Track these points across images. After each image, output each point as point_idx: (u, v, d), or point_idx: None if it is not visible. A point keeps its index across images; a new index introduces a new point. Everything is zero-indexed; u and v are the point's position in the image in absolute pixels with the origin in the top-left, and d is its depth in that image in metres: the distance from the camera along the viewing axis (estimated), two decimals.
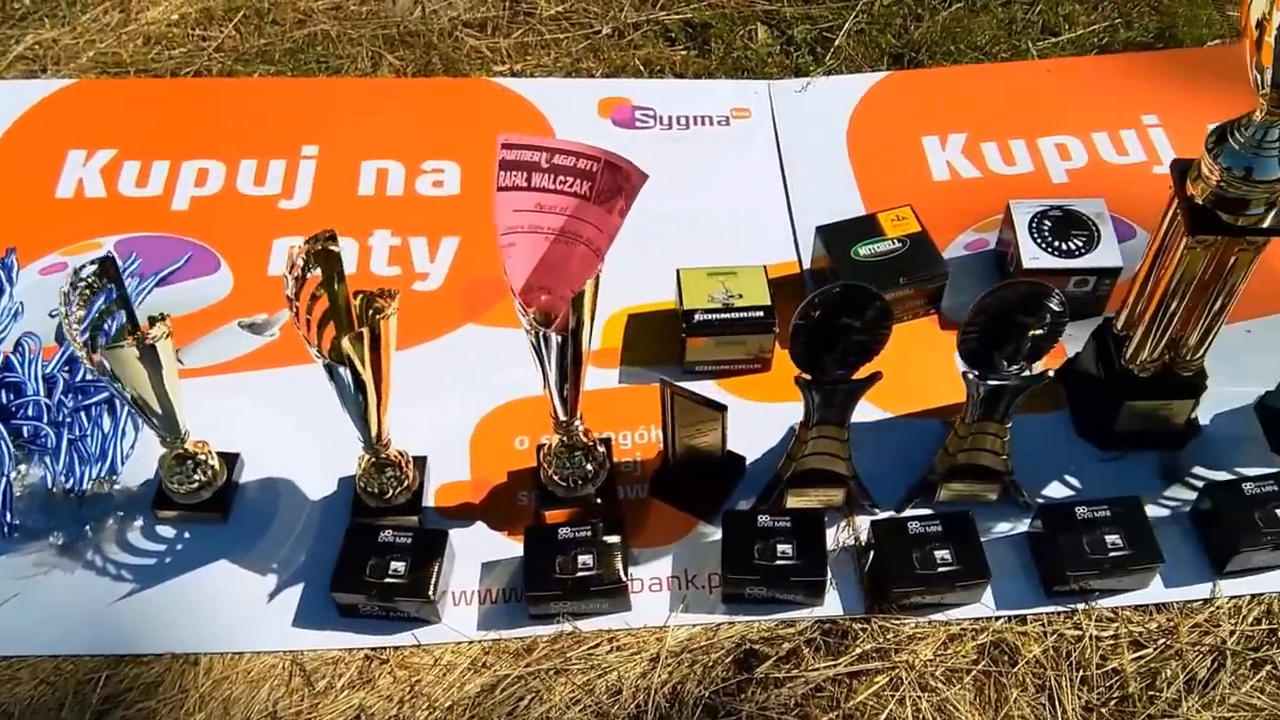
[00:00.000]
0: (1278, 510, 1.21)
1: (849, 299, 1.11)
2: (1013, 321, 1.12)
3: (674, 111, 1.76)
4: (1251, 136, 1.04)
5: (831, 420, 1.21)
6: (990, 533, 1.28)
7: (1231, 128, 1.05)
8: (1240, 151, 1.05)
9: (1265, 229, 1.09)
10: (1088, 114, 1.72)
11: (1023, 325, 1.12)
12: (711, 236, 1.58)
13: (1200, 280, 1.16)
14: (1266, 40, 0.95)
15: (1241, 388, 1.38)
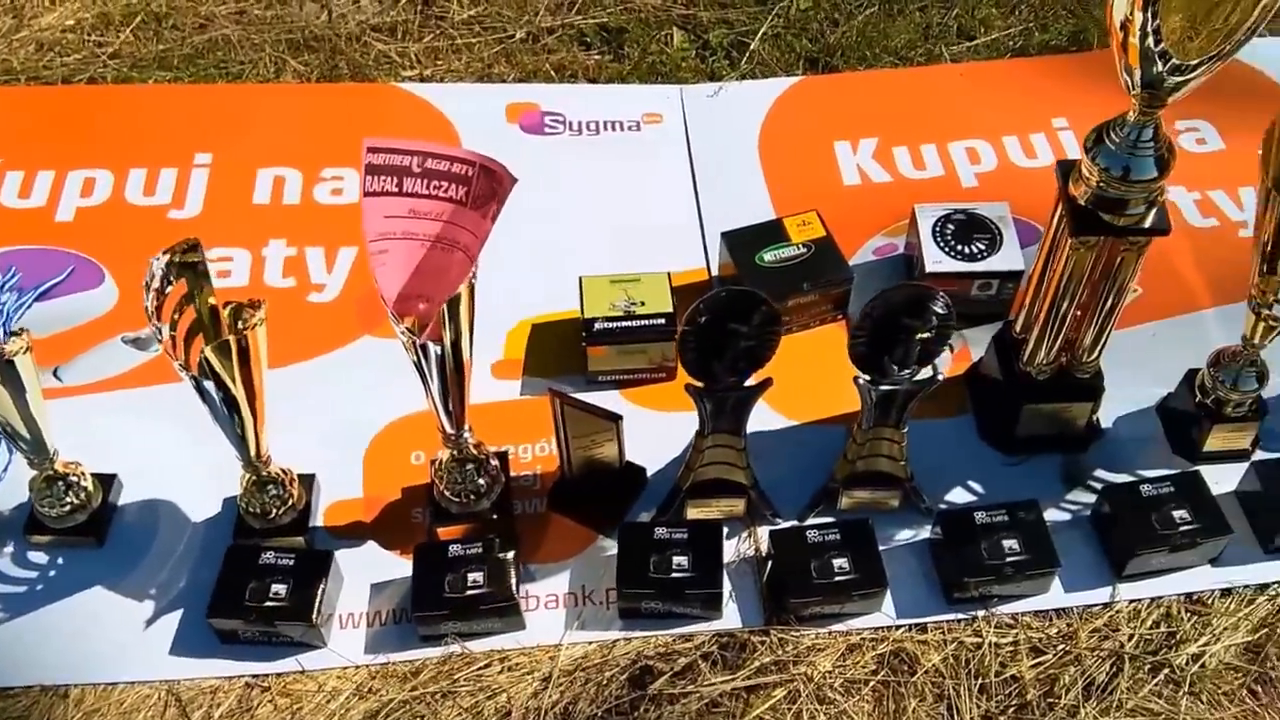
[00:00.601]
0: (1175, 512, 1.20)
1: (736, 304, 1.09)
2: (900, 325, 1.10)
3: (584, 117, 1.73)
4: (1127, 137, 1.03)
5: (726, 429, 1.18)
6: (892, 540, 1.26)
7: (1108, 129, 1.04)
8: (1117, 152, 1.04)
9: (1146, 229, 1.08)
10: (999, 118, 1.72)
11: (910, 329, 1.10)
12: (621, 243, 1.56)
13: (1089, 280, 1.15)
14: (1131, 41, 0.94)
15: (1146, 389, 1.38)
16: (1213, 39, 0.91)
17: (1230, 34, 0.90)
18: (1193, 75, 0.95)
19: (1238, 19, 0.89)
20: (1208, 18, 0.89)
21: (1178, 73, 0.95)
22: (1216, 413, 1.27)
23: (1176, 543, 1.19)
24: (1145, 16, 0.91)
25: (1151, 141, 1.03)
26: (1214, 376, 1.26)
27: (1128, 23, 0.93)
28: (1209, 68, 0.95)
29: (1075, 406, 1.29)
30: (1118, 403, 1.37)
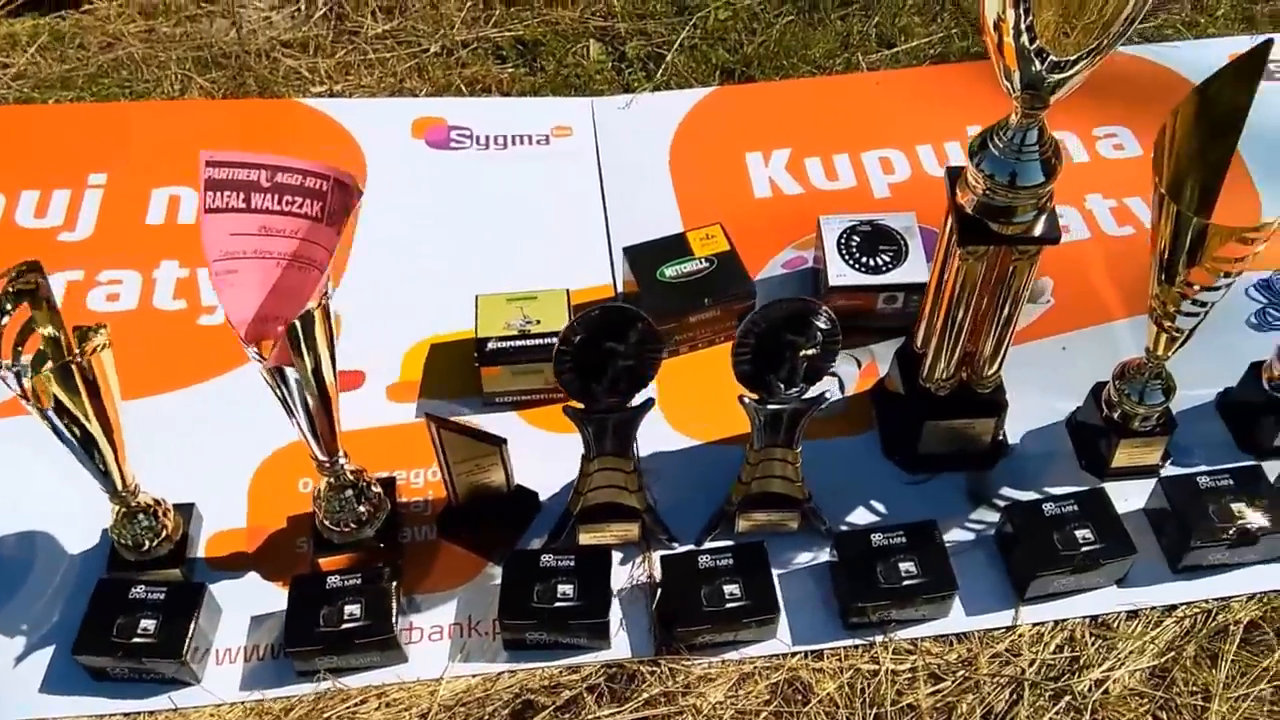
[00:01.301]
0: (1077, 532, 1.16)
1: (612, 322, 1.05)
2: (783, 342, 1.06)
3: (492, 131, 1.69)
4: (1011, 141, 1.00)
5: (613, 451, 1.14)
6: (791, 563, 1.22)
7: (991, 134, 1.01)
8: (1002, 157, 1.01)
9: (1036, 238, 1.05)
10: (913, 126, 1.69)
11: (793, 345, 1.06)
12: (526, 259, 1.52)
13: (982, 291, 1.12)
14: (1007, 41, 0.90)
15: (1056, 403, 1.34)
16: (1089, 33, 0.88)
17: (1107, 26, 0.87)
18: (1073, 72, 0.92)
19: (1112, 10, 0.86)
20: (1081, 11, 0.86)
21: (1057, 70, 0.92)
22: (1123, 427, 1.24)
23: (1079, 564, 1.15)
24: (1018, 14, 0.88)
25: (1036, 145, 1.00)
26: (1119, 390, 1.23)
27: (1000, 22, 0.90)
28: (1089, 62, 0.92)
29: (978, 423, 1.25)
30: (1027, 418, 1.34)
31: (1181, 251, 1.02)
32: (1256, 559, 1.19)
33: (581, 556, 1.16)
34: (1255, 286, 1.45)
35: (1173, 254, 1.04)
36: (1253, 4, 1.94)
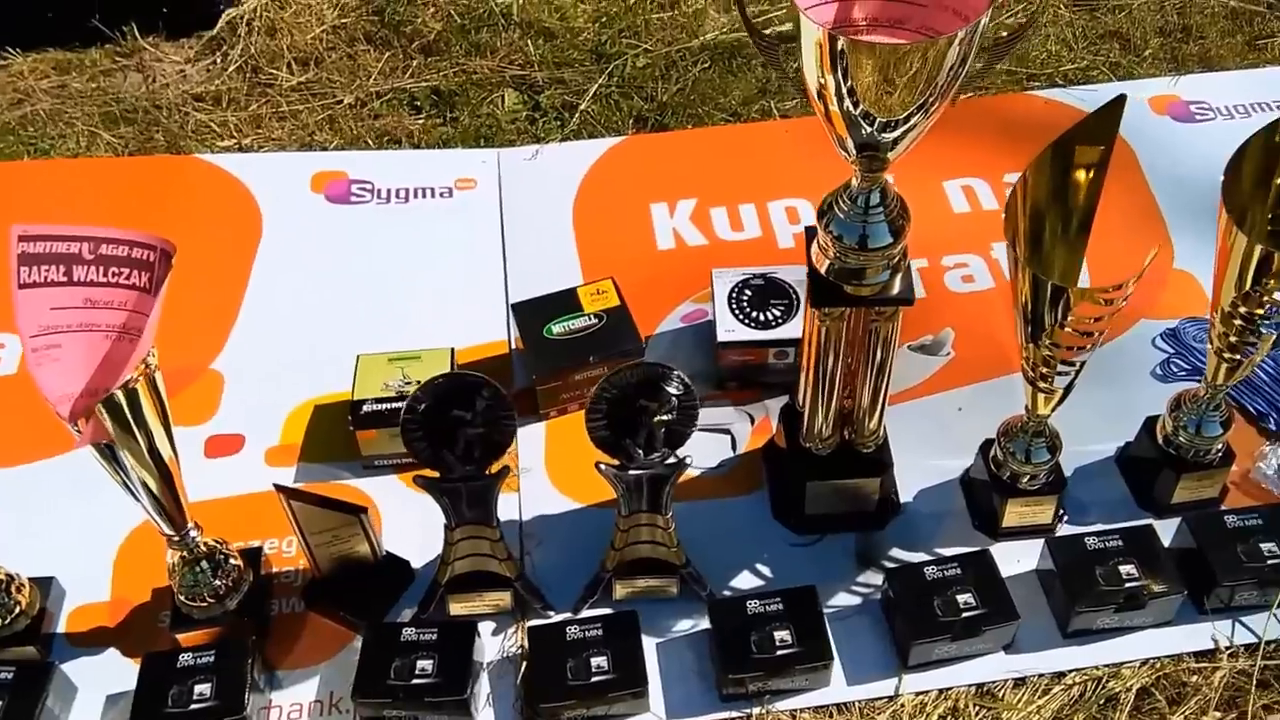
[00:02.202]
0: (960, 597, 1.12)
1: (460, 389, 1.01)
2: (637, 407, 1.03)
3: (394, 184, 1.66)
4: (856, 204, 0.97)
5: (475, 520, 1.10)
6: (670, 632, 1.18)
7: (836, 197, 0.98)
8: (848, 221, 0.98)
9: (890, 299, 1.02)
10: (821, 174, 1.65)
11: (647, 410, 1.03)
12: (421, 316, 1.48)
13: (849, 350, 1.08)
14: (833, 109, 0.88)
15: (952, 460, 1.30)
16: (912, 90, 0.85)
17: (930, 81, 0.84)
18: (905, 129, 0.89)
19: (931, 66, 0.83)
20: (899, 69, 0.83)
21: (889, 129, 0.89)
22: (1011, 486, 1.20)
23: (960, 630, 1.11)
24: (837, 79, 0.85)
25: (881, 206, 0.97)
26: (1004, 448, 1.19)
27: (823, 90, 0.87)
28: (923, 118, 0.89)
29: (862, 482, 1.21)
30: (923, 475, 1.30)
31: (1043, 312, 0.99)
32: (1149, 623, 1.14)
33: (445, 629, 1.11)
34: (1162, 336, 1.42)
35: (1035, 314, 1.01)
36: (1181, 45, 1.92)
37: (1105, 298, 0.96)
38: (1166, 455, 1.20)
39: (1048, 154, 1.01)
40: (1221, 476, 1.21)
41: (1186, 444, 1.19)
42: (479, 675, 1.13)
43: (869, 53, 0.82)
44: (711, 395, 1.39)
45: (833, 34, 0.82)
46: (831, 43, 0.82)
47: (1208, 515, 1.16)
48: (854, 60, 0.83)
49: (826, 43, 0.82)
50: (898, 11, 0.89)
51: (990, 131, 1.70)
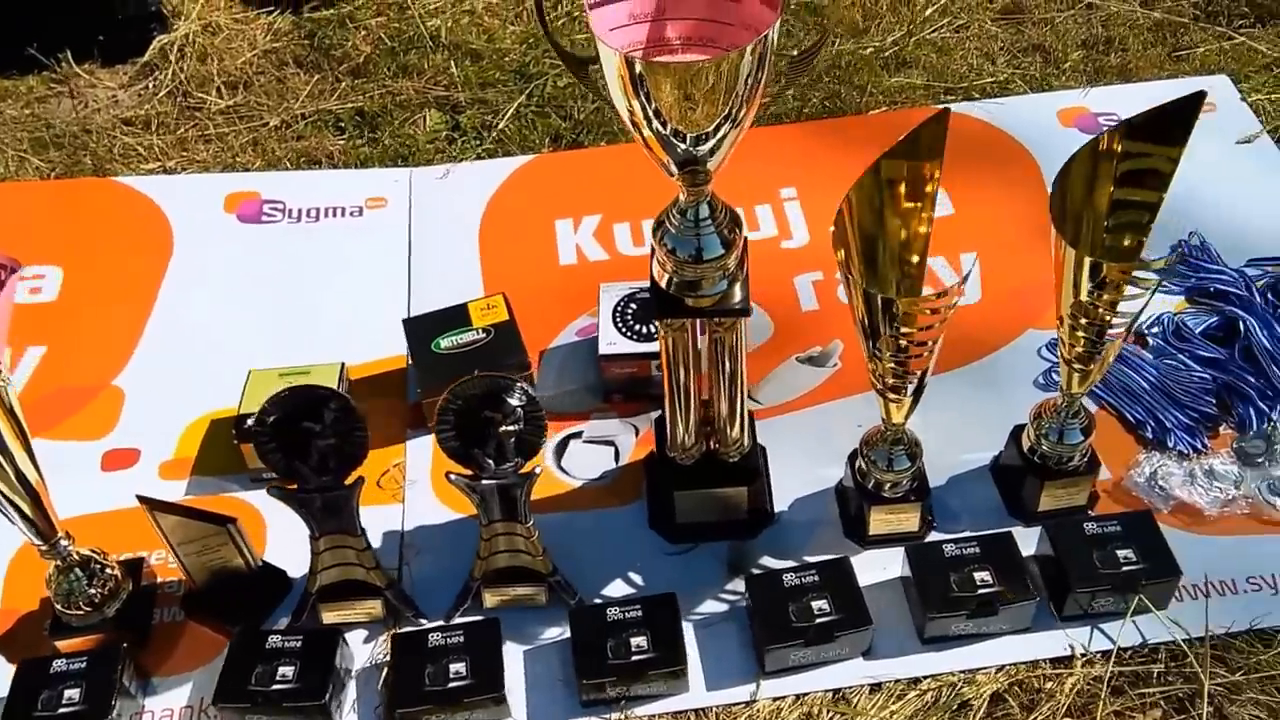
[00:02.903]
0: (815, 603, 1.14)
1: (308, 402, 1.04)
2: (483, 418, 1.05)
3: (305, 204, 1.70)
4: (686, 219, 1.00)
5: (338, 529, 1.13)
6: (537, 639, 1.20)
7: (668, 213, 1.01)
8: (680, 235, 1.00)
9: (729, 310, 1.04)
10: (725, 188, 1.68)
11: (493, 421, 1.05)
12: (324, 332, 1.51)
13: (700, 360, 1.10)
14: (647, 134, 0.91)
15: (829, 469, 1.32)
16: (714, 104, 0.88)
17: (729, 92, 0.87)
18: (718, 140, 0.92)
19: (727, 77, 0.86)
20: (695, 84, 0.86)
21: (701, 143, 0.92)
22: (876, 495, 1.22)
23: (813, 636, 1.12)
24: (641, 103, 0.88)
25: (710, 219, 1.00)
26: (867, 458, 1.21)
27: (633, 114, 0.90)
28: (731, 128, 0.91)
29: (730, 491, 1.23)
30: (802, 483, 1.32)
31: (879, 324, 1.01)
32: (1006, 629, 1.16)
33: (310, 637, 1.13)
34: (1046, 346, 1.43)
35: (871, 328, 1.03)
36: (1103, 57, 1.94)
37: (930, 307, 0.98)
38: (1031, 464, 1.22)
39: (869, 174, 1.03)
40: (1086, 484, 1.22)
41: (1049, 452, 1.20)
42: (345, 682, 1.15)
43: (665, 73, 0.85)
44: (599, 408, 1.42)
45: (629, 58, 0.84)
46: (630, 66, 0.85)
47: (1067, 522, 1.18)
48: (653, 82, 0.86)
49: (625, 67, 0.85)
50: (708, 30, 0.92)
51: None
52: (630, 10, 0.91)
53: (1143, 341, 1.40)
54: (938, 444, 1.33)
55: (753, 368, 1.45)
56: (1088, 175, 1.04)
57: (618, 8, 0.90)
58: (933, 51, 1.96)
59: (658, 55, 0.93)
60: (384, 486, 1.34)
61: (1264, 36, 1.90)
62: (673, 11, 0.91)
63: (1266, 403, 1.30)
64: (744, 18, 0.88)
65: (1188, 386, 1.32)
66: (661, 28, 0.92)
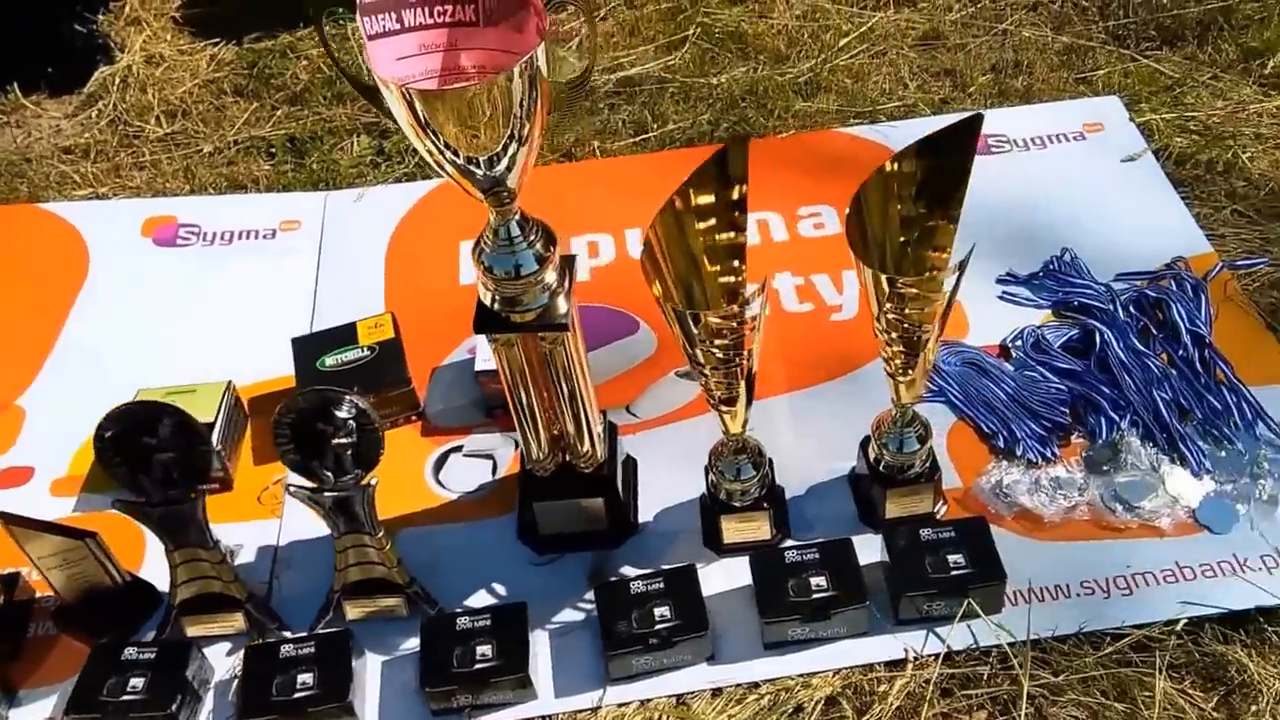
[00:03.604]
0: (657, 610, 1.17)
1: (147, 417, 1.08)
2: (317, 431, 1.09)
3: (220, 227, 1.75)
4: (500, 237, 1.04)
5: (189, 543, 1.17)
6: (397, 650, 1.23)
7: (484, 234, 1.05)
8: (495, 253, 1.04)
9: (549, 325, 1.07)
10: (625, 211, 1.72)
11: (325, 434, 1.09)
12: (225, 352, 1.56)
13: (535, 375, 1.14)
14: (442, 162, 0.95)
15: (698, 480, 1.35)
16: (494, 127, 0.91)
17: (506, 115, 0.91)
18: (509, 158, 0.95)
19: (500, 102, 0.89)
20: (472, 114, 0.90)
21: (494, 165, 0.96)
22: (726, 504, 1.24)
23: (654, 642, 1.15)
24: (430, 138, 0.92)
25: (522, 237, 1.04)
26: (715, 469, 1.23)
27: (433, 153, 0.94)
28: (519, 147, 0.95)
29: (588, 502, 1.26)
30: (671, 494, 1.35)
31: (692, 337, 1.04)
32: (843, 634, 1.18)
33: (165, 649, 1.17)
34: None
35: (689, 348, 1.06)
36: (1010, 80, 1.95)
37: (722, 315, 1.01)
38: (877, 473, 1.24)
39: (674, 201, 1.06)
40: (928, 491, 1.24)
41: (891, 461, 1.22)
42: (201, 694, 1.18)
43: (438, 100, 0.89)
44: (482, 423, 1.45)
45: (404, 89, 0.88)
46: (407, 96, 0.89)
47: (903, 529, 1.20)
48: (428, 108, 0.90)
49: (401, 95, 0.89)
50: (501, 60, 0.96)
51: (791, 168, 1.76)
52: (421, 41, 0.95)
53: (1006, 354, 1.42)
54: (806, 455, 1.37)
55: (633, 382, 1.49)
56: (883, 197, 1.06)
57: (407, 38, 0.94)
58: (847, 77, 1.99)
59: (452, 84, 0.96)
60: (264, 502, 1.38)
61: (1168, 59, 1.91)
62: (464, 42, 0.95)
63: (1118, 412, 1.31)
64: (526, 46, 0.92)
65: (1043, 397, 1.34)
66: (455, 57, 0.96)
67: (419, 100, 0.89)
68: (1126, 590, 1.19)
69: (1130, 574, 1.20)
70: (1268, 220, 1.59)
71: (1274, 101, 1.81)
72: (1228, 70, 1.89)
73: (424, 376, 1.51)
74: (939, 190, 1.06)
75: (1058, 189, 1.66)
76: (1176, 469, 1.27)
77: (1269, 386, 1.35)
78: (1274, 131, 1.76)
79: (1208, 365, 1.36)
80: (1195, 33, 1.96)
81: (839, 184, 1.71)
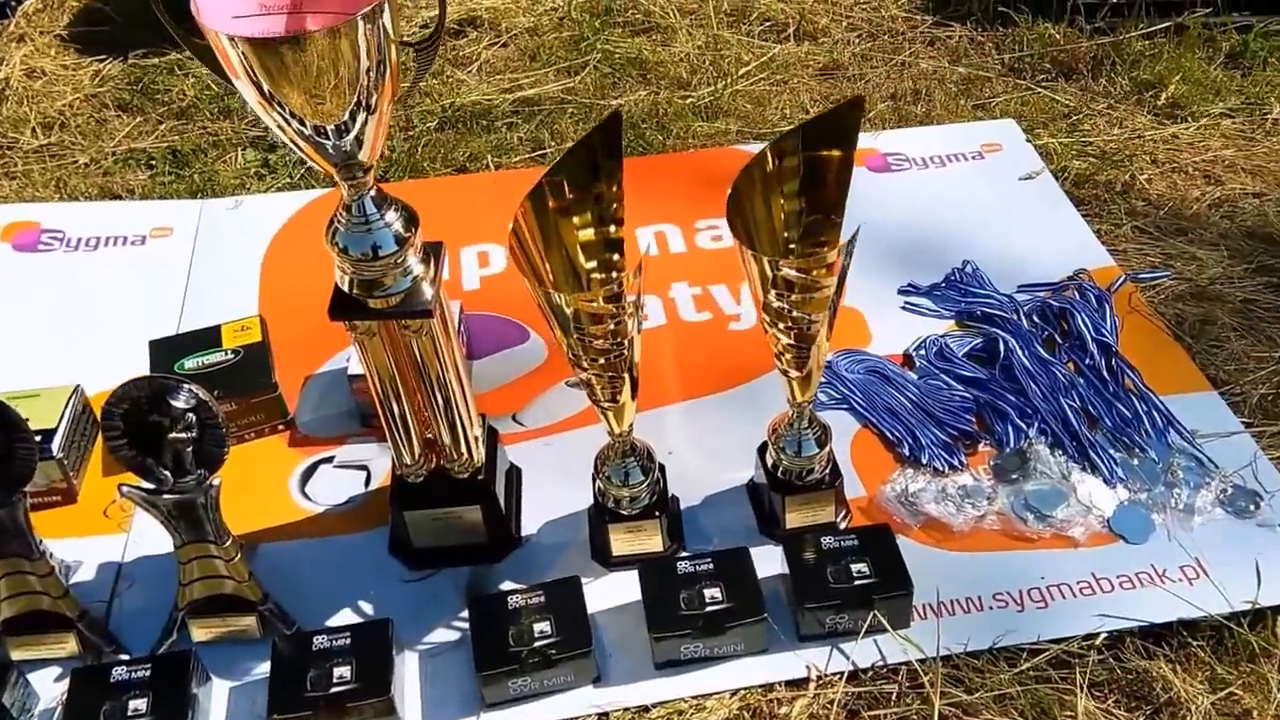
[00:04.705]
0: (537, 625, 1.07)
1: None
2: (152, 424, 0.98)
3: (86, 233, 1.64)
4: (354, 215, 0.96)
5: (12, 553, 1.05)
6: (248, 675, 1.11)
7: (337, 213, 0.97)
8: (350, 233, 0.96)
9: (412, 310, 0.99)
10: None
11: (162, 427, 0.98)
12: (82, 358, 1.44)
13: (401, 370, 1.05)
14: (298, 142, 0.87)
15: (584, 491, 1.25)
16: (339, 93, 0.84)
17: (353, 83, 0.83)
18: (358, 128, 0.88)
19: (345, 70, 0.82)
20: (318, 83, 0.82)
21: (343, 135, 0.88)
22: (614, 513, 1.15)
23: (531, 662, 1.05)
24: (277, 111, 0.84)
25: (379, 215, 0.96)
26: (602, 474, 1.15)
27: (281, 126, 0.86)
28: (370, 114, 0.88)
29: (463, 511, 1.16)
30: (557, 506, 1.25)
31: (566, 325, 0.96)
32: (741, 651, 1.09)
33: None
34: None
35: (562, 329, 0.98)
36: (910, 107, 1.94)
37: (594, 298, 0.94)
38: (775, 479, 1.17)
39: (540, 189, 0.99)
40: (829, 498, 1.17)
41: (790, 466, 1.15)
42: None
43: (268, 50, 0.80)
44: (356, 433, 1.35)
45: (231, 36, 0.80)
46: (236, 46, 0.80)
47: (803, 538, 1.12)
48: (280, 89, 0.81)
49: (228, 45, 0.80)
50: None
51: (689, 183, 1.71)
52: (261, 1, 0.87)
53: (910, 363, 1.36)
54: (702, 466, 1.29)
55: (521, 392, 1.40)
56: (765, 184, 1.01)
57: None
58: (748, 102, 1.97)
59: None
60: (110, 516, 1.26)
61: (1063, 89, 1.93)
62: (310, 5, 0.88)
63: (1025, 420, 1.26)
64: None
65: (948, 405, 1.28)
66: (300, 20, 0.88)
67: (257, 58, 0.80)
68: (1041, 603, 1.12)
69: (1045, 585, 1.13)
70: (1168, 236, 1.58)
71: (1169, 129, 1.82)
72: (1122, 101, 1.90)
73: (296, 386, 1.41)
74: (823, 179, 1.01)
75: (957, 205, 1.63)
76: (1088, 477, 1.22)
77: (1179, 395, 1.32)
78: (1170, 157, 1.76)
79: (1115, 374, 1.32)
80: (1089, 66, 1.97)
81: None
